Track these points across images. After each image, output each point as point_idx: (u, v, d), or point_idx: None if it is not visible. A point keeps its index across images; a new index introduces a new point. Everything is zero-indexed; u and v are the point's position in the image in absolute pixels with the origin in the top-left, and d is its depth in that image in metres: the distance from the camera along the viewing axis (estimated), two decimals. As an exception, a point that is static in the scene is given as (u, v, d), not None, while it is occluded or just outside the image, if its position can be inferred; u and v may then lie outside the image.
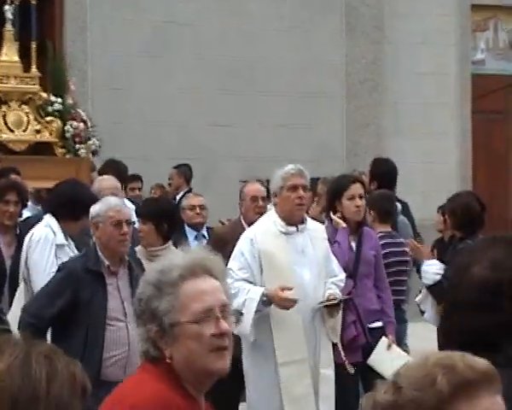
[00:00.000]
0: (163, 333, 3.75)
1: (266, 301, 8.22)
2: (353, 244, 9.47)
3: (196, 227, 11.76)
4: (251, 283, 8.46)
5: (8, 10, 15.21)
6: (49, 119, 15.50)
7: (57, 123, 15.45)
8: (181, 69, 18.71)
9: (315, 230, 8.52)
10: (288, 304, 8.02)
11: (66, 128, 15.51)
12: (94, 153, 15.65)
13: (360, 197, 9.66)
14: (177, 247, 9.18)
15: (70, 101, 15.81)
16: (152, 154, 17.16)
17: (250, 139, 18.70)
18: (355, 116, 19.41)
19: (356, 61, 19.72)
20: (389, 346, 9.11)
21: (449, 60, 19.88)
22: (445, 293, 4.11)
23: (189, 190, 15.81)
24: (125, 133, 17.55)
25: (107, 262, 8.27)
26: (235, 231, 10.22)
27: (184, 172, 16.61)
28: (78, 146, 15.55)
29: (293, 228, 8.24)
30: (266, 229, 8.56)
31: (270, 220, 8.55)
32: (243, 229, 10.20)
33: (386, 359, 9.42)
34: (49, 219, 9.62)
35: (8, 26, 15.24)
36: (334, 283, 8.32)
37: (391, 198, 11.87)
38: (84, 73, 18.00)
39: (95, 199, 9.44)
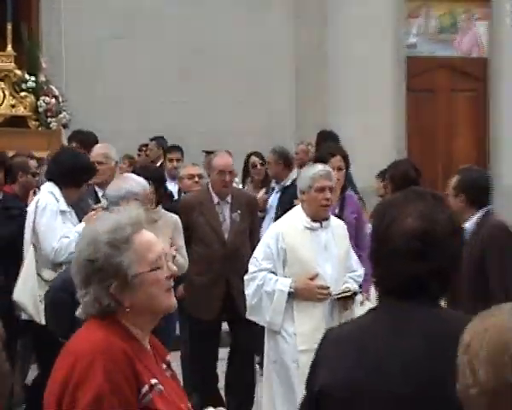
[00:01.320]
0: (125, 286, 3.99)
1: (292, 292, 8.29)
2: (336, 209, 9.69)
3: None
4: (273, 273, 8.50)
5: None
6: (23, 94, 16.31)
7: (31, 98, 16.27)
8: (145, 52, 19.15)
9: (337, 227, 8.57)
10: (322, 292, 8.12)
11: (38, 103, 16.30)
12: (64, 126, 16.38)
13: (339, 169, 9.95)
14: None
15: (43, 78, 16.56)
16: (118, 128, 17.09)
17: (209, 115, 19.04)
18: (303, 94, 19.91)
19: (303, 44, 20.37)
20: (361, 303, 9.11)
21: (386, 43, 20.40)
22: (372, 241, 4.09)
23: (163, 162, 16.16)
24: (95, 109, 17.71)
25: None
26: (202, 198, 10.70)
27: (162, 143, 16.61)
28: (49, 119, 16.32)
29: (318, 224, 8.21)
30: (292, 224, 8.56)
31: (297, 216, 8.55)
32: (210, 196, 10.67)
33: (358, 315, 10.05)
34: (51, 186, 9.66)
35: None
36: (352, 277, 8.43)
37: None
38: (59, 53, 18.39)
39: (94, 167, 10.18)
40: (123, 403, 3.93)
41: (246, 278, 8.79)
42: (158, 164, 15.92)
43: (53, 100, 16.43)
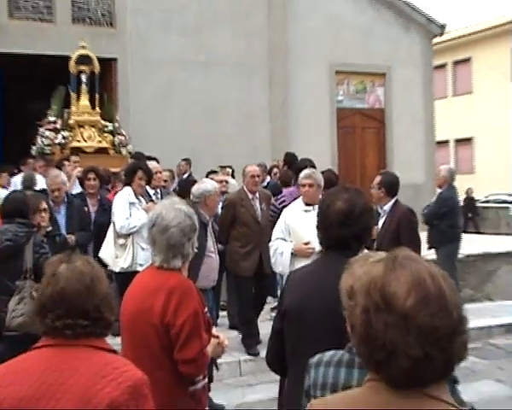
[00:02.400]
0: (191, 247, 4.87)
1: (293, 253, 8.95)
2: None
3: (223, 195, 12.23)
4: (284, 240, 9.20)
5: (83, 77, 17.96)
6: (105, 134, 18.40)
7: (110, 137, 18.50)
8: (177, 107, 21.62)
9: None
10: (308, 251, 8.65)
11: (115, 140, 18.52)
12: (130, 153, 18.04)
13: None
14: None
15: (116, 125, 18.86)
16: (162, 153, 17.26)
17: (217, 145, 21.29)
18: (274, 131, 23.04)
19: (274, 100, 23.37)
20: None
21: (324, 100, 24.25)
22: (318, 217, 4.54)
23: (190, 174, 18.25)
24: (147, 142, 18.77)
25: (207, 217, 9.48)
26: (242, 196, 11.54)
27: (189, 162, 18.91)
28: (121, 149, 18.50)
29: (311, 207, 8.78)
30: (295, 208, 9.30)
31: (299, 202, 9.31)
32: (246, 194, 11.54)
33: None
34: (126, 188, 10.67)
35: (83, 86, 18.01)
36: None
37: (289, 174, 14.02)
38: (127, 109, 20.74)
39: (151, 173, 11.33)
40: (203, 317, 4.83)
41: (269, 244, 9.67)
42: (186, 175, 18.22)
43: (123, 138, 18.71)
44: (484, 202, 35.88)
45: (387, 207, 9.60)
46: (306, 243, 8.82)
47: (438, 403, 2.23)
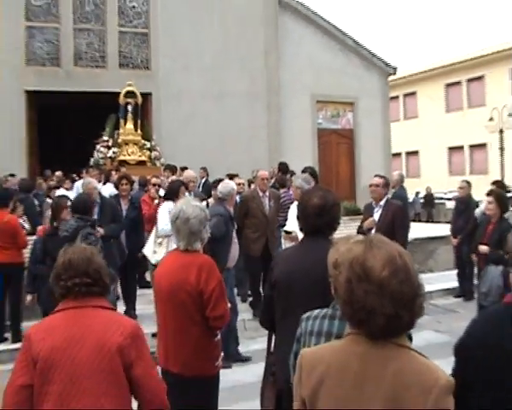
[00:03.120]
0: (206, 232, 4.81)
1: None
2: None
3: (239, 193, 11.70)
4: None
5: (129, 107, 18.49)
6: (144, 151, 18.71)
7: (148, 152, 18.80)
8: (196, 129, 21.69)
9: None
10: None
11: (151, 154, 18.85)
12: (162, 164, 18.15)
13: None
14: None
15: (153, 143, 19.19)
16: (188, 163, 16.87)
17: (226, 158, 20.90)
18: (271, 146, 23.00)
19: (270, 123, 23.31)
20: None
21: (307, 123, 24.28)
22: (298, 210, 4.37)
23: (207, 179, 17.74)
24: (176, 156, 18.50)
25: (232, 211, 9.29)
26: (254, 194, 11.18)
27: (206, 170, 18.48)
28: (156, 162, 18.79)
29: None
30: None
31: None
32: (257, 192, 11.13)
33: None
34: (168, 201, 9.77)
35: (129, 113, 18.55)
36: None
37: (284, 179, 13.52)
38: (160, 131, 20.85)
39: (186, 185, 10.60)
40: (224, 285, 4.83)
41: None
42: (204, 180, 17.88)
43: (157, 153, 18.99)
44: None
45: (382, 202, 9.24)
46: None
47: (405, 350, 2.30)
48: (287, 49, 24.02)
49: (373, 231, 8.93)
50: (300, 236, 4.64)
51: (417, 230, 16.33)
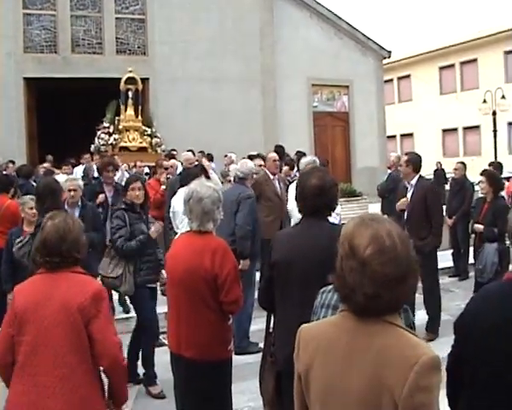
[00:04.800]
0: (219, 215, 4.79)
1: None
2: None
3: None
4: None
5: (130, 93, 18.82)
6: (145, 137, 19.04)
7: (149, 139, 19.11)
8: (193, 119, 21.72)
9: None
10: None
11: (152, 141, 19.14)
12: (163, 151, 18.35)
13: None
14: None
15: (154, 130, 19.54)
16: (184, 145, 15.75)
17: (226, 142, 20.23)
18: (267, 130, 23.11)
19: (266, 107, 23.50)
20: None
21: (304, 106, 24.59)
22: (297, 190, 4.33)
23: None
24: (174, 142, 18.42)
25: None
26: (265, 177, 10.55)
27: (204, 154, 17.48)
28: (157, 148, 19.02)
29: None
30: None
31: None
32: (268, 176, 10.59)
33: None
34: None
35: (130, 100, 18.90)
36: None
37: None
38: (157, 116, 20.98)
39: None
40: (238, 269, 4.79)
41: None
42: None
43: (158, 140, 19.30)
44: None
45: (414, 181, 8.81)
46: None
47: (393, 327, 2.24)
48: (282, 34, 24.11)
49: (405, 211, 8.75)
50: (297, 216, 4.61)
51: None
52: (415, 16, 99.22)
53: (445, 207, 12.76)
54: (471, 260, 12.17)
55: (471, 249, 10.21)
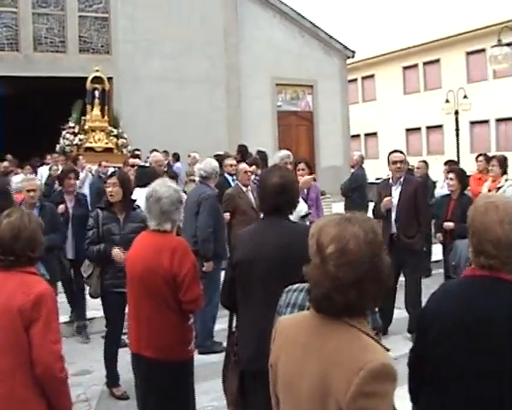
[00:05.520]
0: (179, 215, 4.80)
1: None
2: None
3: (232, 175, 11.24)
4: None
5: (96, 92, 18.64)
6: (111, 138, 18.86)
7: (115, 140, 18.93)
8: (159, 119, 21.49)
9: None
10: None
11: (119, 142, 18.97)
12: (129, 151, 18.01)
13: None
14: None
15: (120, 130, 19.45)
16: (148, 145, 16.83)
17: (192, 143, 19.97)
18: (230, 130, 23.07)
19: (230, 107, 23.56)
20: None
21: (267, 105, 24.72)
22: (258, 188, 4.41)
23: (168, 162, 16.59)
24: (139, 143, 18.24)
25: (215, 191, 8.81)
26: (236, 190, 9.86)
27: (168, 154, 17.52)
28: (123, 149, 18.89)
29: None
30: None
31: None
32: (241, 189, 9.78)
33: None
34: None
35: (96, 99, 18.70)
36: (302, 208, 7.42)
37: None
38: (121, 115, 20.88)
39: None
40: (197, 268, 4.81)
41: None
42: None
43: (124, 140, 19.13)
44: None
45: (402, 178, 8.81)
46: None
47: (350, 328, 2.19)
48: (246, 33, 24.15)
49: (393, 210, 8.71)
50: None
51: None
52: (379, 17, 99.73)
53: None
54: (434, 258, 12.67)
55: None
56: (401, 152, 9.15)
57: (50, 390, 3.54)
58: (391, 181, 8.95)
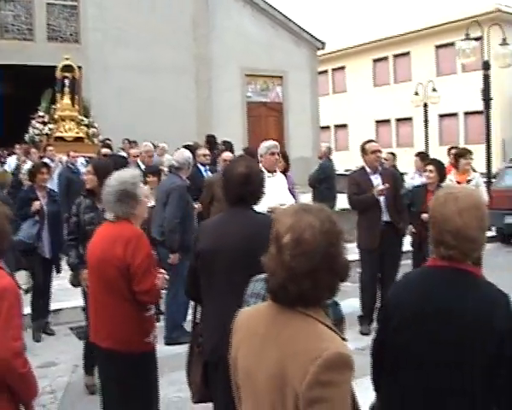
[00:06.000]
0: (136, 204, 4.64)
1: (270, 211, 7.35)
2: None
3: (204, 166, 11.01)
4: None
5: (66, 81, 18.37)
6: (82, 127, 18.66)
7: (86, 129, 18.77)
8: (127, 108, 21.42)
9: (280, 176, 8.04)
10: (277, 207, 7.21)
11: (89, 131, 18.83)
12: (101, 141, 17.83)
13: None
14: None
15: (91, 120, 19.37)
16: (117, 135, 17.97)
17: (160, 133, 19.66)
18: (200, 121, 23.10)
19: (200, 98, 23.64)
20: None
21: (237, 96, 24.77)
22: (223, 179, 4.33)
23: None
24: (109, 132, 18.57)
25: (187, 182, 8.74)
26: (217, 177, 9.14)
27: (136, 143, 17.17)
28: (94, 138, 18.76)
29: (270, 174, 7.56)
30: None
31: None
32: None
33: None
34: None
35: (66, 88, 18.44)
36: (289, 202, 7.38)
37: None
38: (90, 104, 20.72)
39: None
40: (153, 258, 4.75)
41: None
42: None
43: (95, 130, 19.04)
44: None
45: (379, 167, 8.89)
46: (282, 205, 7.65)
47: (307, 318, 2.19)
48: (216, 23, 24.24)
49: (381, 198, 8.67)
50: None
51: (344, 200, 16.30)
52: (350, 9, 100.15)
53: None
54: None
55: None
56: (375, 142, 9.21)
57: (13, 385, 3.36)
58: (368, 170, 8.90)
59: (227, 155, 10.48)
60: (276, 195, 7.29)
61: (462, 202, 2.72)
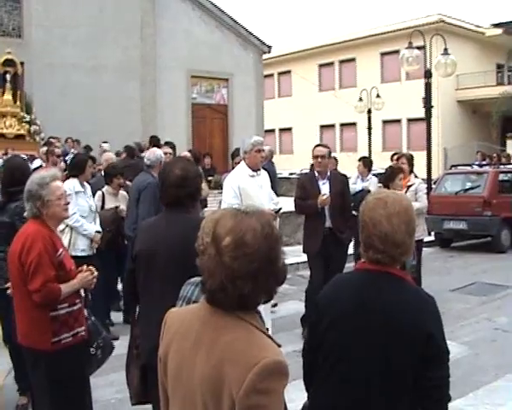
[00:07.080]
0: (43, 204, 4.56)
1: None
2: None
3: None
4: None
5: (8, 76, 18.22)
6: (23, 124, 18.42)
7: (27, 126, 18.48)
8: (74, 105, 21.18)
9: (264, 174, 7.79)
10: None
11: (31, 128, 18.55)
12: (42, 139, 17.71)
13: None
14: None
15: (33, 116, 18.98)
16: (61, 133, 17.33)
17: (105, 131, 20.12)
18: (144, 121, 23.20)
19: (146, 98, 23.53)
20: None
21: (181, 98, 24.77)
22: (159, 182, 4.30)
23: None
24: (53, 131, 17.74)
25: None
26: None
27: (79, 141, 18.29)
28: (36, 136, 18.53)
29: (255, 173, 7.54)
30: (242, 174, 7.59)
31: (243, 169, 7.64)
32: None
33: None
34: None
35: (7, 83, 18.25)
36: (274, 203, 7.90)
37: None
38: (32, 102, 19.96)
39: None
40: (51, 258, 4.54)
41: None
42: (75, 151, 16.67)
43: (37, 127, 18.67)
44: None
45: (328, 173, 8.76)
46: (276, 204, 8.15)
47: (244, 323, 2.19)
48: (163, 24, 24.26)
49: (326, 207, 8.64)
50: None
51: (288, 203, 16.41)
52: (297, 14, 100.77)
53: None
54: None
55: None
56: (325, 146, 9.01)
57: None
58: (317, 175, 8.83)
59: (108, 155, 10.63)
60: (261, 195, 7.46)
61: (390, 206, 2.76)
